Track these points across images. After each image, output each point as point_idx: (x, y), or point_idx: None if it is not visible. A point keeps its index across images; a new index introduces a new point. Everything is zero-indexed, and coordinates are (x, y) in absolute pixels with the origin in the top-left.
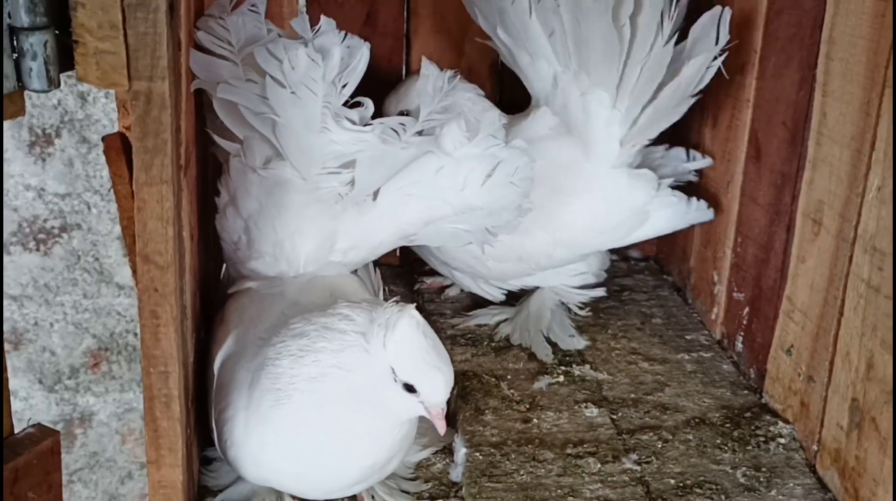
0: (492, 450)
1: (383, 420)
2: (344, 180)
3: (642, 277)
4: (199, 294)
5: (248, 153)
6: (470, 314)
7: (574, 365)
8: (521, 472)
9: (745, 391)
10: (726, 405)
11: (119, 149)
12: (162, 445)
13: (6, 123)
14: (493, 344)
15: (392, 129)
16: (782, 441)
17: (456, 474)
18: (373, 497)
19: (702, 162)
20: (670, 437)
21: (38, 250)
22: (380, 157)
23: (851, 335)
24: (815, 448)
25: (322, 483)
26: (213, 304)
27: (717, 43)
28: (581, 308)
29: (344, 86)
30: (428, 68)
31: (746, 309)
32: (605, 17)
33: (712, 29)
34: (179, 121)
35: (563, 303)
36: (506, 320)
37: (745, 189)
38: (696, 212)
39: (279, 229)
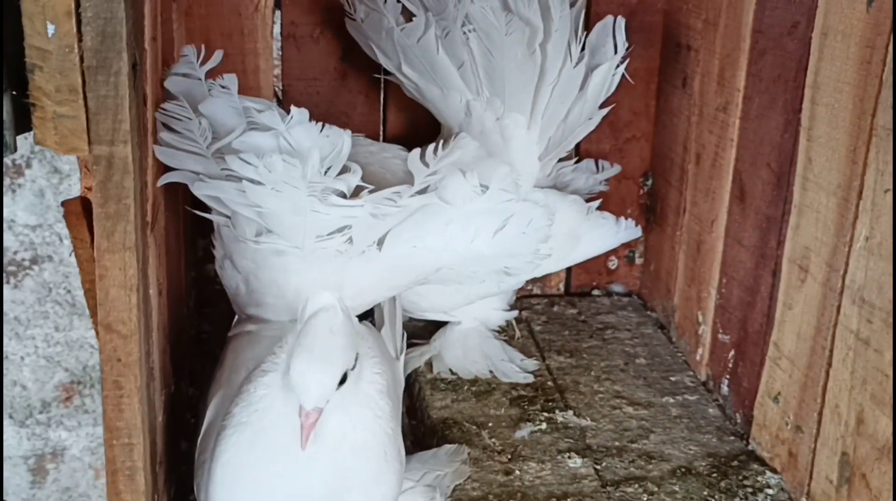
0: None
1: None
2: (341, 241)
3: (625, 313)
4: (171, 348)
5: (238, 227)
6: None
7: (557, 411)
8: None
9: (732, 437)
10: (713, 452)
11: (80, 213)
12: None
13: None
14: (474, 389)
15: (386, 198)
16: (770, 491)
17: None
18: None
19: (610, 171)
20: (656, 489)
21: (8, 282)
22: (375, 220)
23: (840, 387)
24: (804, 500)
25: None
26: (186, 351)
27: (616, 52)
28: (500, 332)
29: (328, 169)
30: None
31: (732, 352)
32: (519, 48)
33: (608, 38)
34: (145, 178)
35: (487, 330)
36: (434, 356)
37: (729, 229)
38: (626, 231)
39: (280, 284)
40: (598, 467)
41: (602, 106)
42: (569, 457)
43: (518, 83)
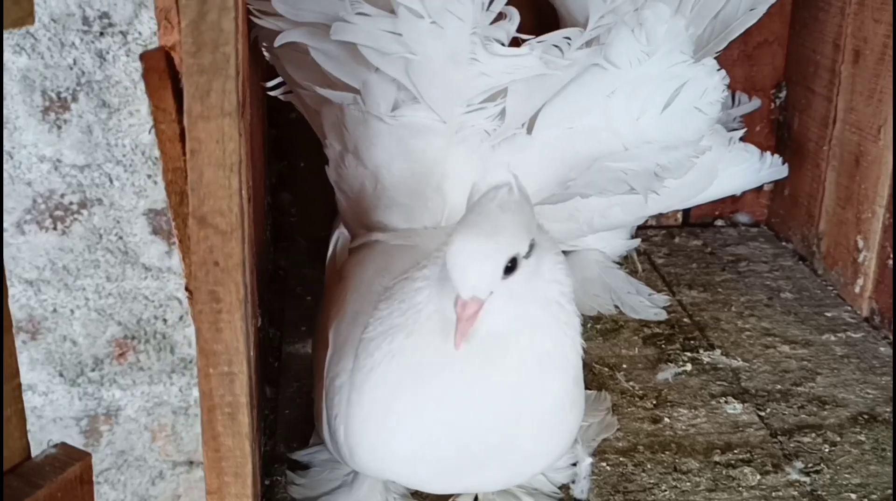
0: (621, 459)
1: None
2: (491, 115)
3: (757, 244)
4: (257, 270)
5: (369, 100)
6: None
7: (701, 350)
8: (662, 487)
9: None
10: None
11: (164, 72)
12: (226, 469)
13: (17, 85)
14: (599, 327)
15: (555, 46)
16: None
17: (580, 490)
18: None
19: (749, 106)
20: (838, 438)
21: (55, 228)
22: (538, 81)
23: None
24: None
25: (437, 457)
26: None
27: None
28: (620, 264)
29: (491, 1)
30: None
31: None
32: None
33: None
34: (237, 42)
35: (609, 260)
36: None
37: None
38: (770, 169)
39: (419, 178)
40: (763, 413)
41: None
42: (725, 402)
43: None
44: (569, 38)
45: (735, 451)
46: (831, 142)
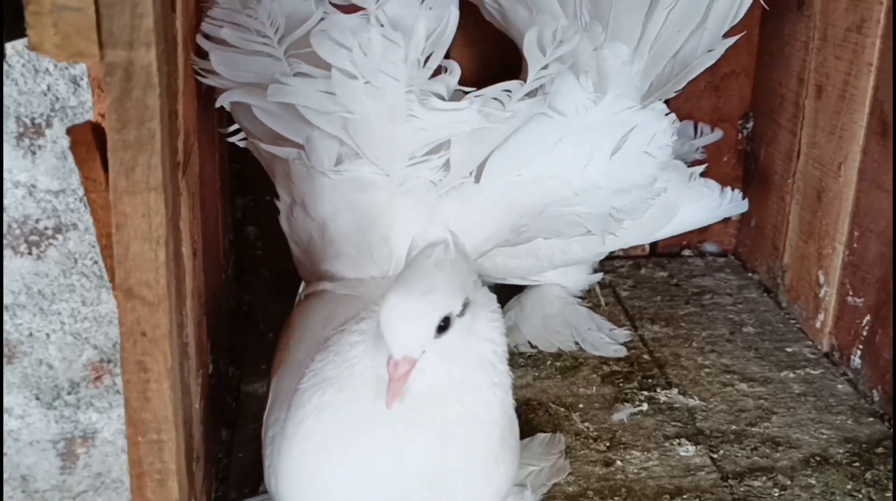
0: None
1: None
2: (436, 166)
3: (723, 275)
4: (208, 321)
5: (313, 156)
6: None
7: (658, 389)
8: None
9: (870, 418)
10: (850, 437)
11: (91, 143)
12: None
13: None
14: (559, 364)
15: (494, 99)
16: None
17: None
18: None
19: (710, 137)
20: (788, 482)
21: (30, 253)
22: (480, 133)
23: None
24: None
25: None
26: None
27: None
28: (583, 298)
29: (428, 58)
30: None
31: (867, 318)
32: None
33: None
34: (175, 104)
35: (570, 295)
36: (509, 327)
37: (864, 172)
38: (731, 204)
39: (364, 230)
40: (715, 456)
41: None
42: (679, 444)
43: (626, 5)
44: (509, 91)
45: (685, 496)
46: (795, 175)
